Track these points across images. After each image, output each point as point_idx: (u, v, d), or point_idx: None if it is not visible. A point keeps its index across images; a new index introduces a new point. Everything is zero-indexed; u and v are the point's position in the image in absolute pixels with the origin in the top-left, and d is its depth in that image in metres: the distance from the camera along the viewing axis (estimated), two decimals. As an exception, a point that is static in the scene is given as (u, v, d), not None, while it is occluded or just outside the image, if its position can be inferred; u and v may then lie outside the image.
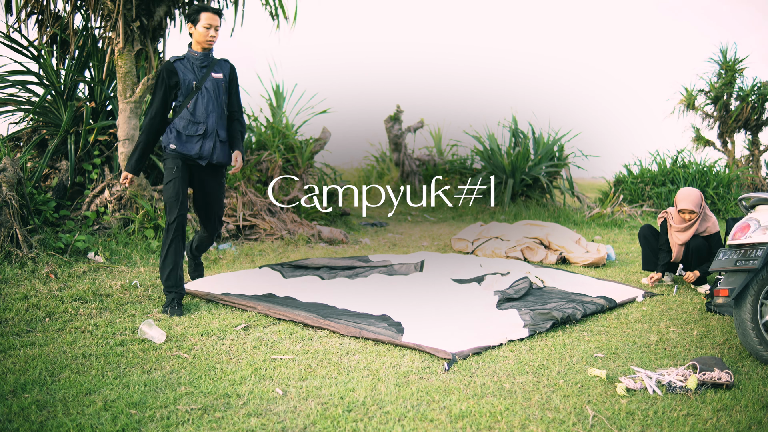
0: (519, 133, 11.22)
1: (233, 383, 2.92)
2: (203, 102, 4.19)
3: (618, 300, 4.57)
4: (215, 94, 4.25)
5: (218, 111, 4.26)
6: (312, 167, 9.10)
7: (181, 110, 4.18)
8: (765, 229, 3.42)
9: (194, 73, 4.20)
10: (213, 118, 4.24)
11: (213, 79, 4.25)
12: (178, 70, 4.18)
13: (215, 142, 4.27)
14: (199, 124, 4.20)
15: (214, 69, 4.27)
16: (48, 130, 6.68)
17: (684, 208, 5.00)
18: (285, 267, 5.48)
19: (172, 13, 7.26)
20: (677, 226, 5.10)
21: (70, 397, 2.73)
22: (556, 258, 6.35)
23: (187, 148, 4.20)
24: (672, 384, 2.92)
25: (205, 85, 4.22)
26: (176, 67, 4.18)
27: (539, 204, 10.50)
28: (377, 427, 2.51)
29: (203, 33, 4.15)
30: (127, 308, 4.21)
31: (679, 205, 5.04)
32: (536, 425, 2.54)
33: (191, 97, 4.18)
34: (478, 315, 4.07)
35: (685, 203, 4.99)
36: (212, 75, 4.25)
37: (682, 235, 5.09)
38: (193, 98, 4.18)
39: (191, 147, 4.21)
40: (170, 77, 4.16)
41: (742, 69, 11.70)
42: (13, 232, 5.04)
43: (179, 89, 4.19)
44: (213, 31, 4.16)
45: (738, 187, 11.16)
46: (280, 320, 4.01)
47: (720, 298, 3.39)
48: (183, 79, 4.18)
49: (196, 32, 4.17)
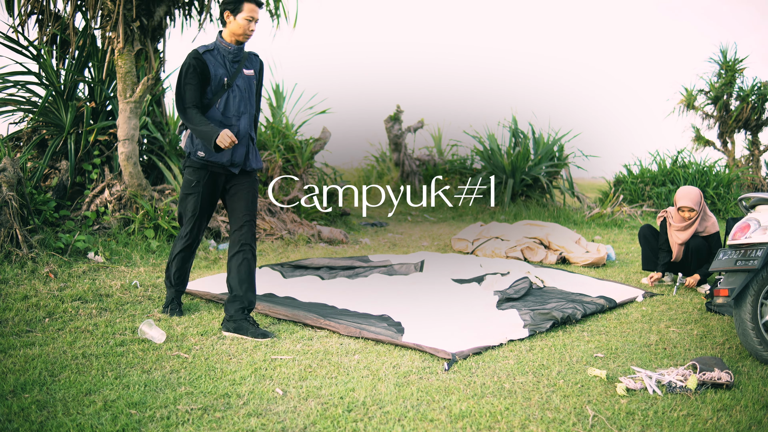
0: (519, 133, 11.22)
1: (233, 383, 2.92)
2: (235, 101, 3.73)
3: (618, 300, 4.57)
4: (247, 93, 3.79)
5: (250, 112, 3.81)
6: (312, 167, 9.11)
7: (208, 109, 3.70)
8: (765, 229, 3.42)
9: (225, 67, 3.71)
10: (245, 120, 3.77)
11: (244, 75, 3.78)
12: (207, 62, 3.66)
13: (248, 146, 3.81)
14: (230, 126, 3.71)
15: (245, 64, 3.81)
16: (48, 130, 6.68)
17: (683, 205, 5.00)
18: (285, 267, 5.48)
19: (172, 13, 7.27)
20: (677, 225, 5.10)
21: (70, 397, 2.73)
22: (556, 258, 6.35)
23: (218, 156, 3.71)
24: (672, 384, 2.92)
25: (236, 82, 3.74)
26: (206, 59, 3.66)
27: (539, 204, 10.50)
28: (377, 427, 2.51)
29: (243, 25, 3.65)
30: (127, 308, 4.21)
31: (678, 203, 5.04)
32: (536, 425, 2.54)
33: (220, 95, 3.70)
34: (478, 315, 4.08)
35: (685, 201, 4.99)
36: (243, 71, 3.78)
37: (681, 234, 5.09)
38: (223, 96, 3.70)
39: (222, 154, 3.70)
40: (200, 71, 3.65)
41: (742, 69, 11.70)
42: (13, 232, 5.04)
43: (209, 85, 3.68)
44: (253, 24, 3.69)
45: (738, 187, 11.15)
46: (280, 320, 4.01)
47: (720, 298, 3.39)
48: (214, 74, 3.67)
49: (234, 23, 3.65)
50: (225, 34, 3.72)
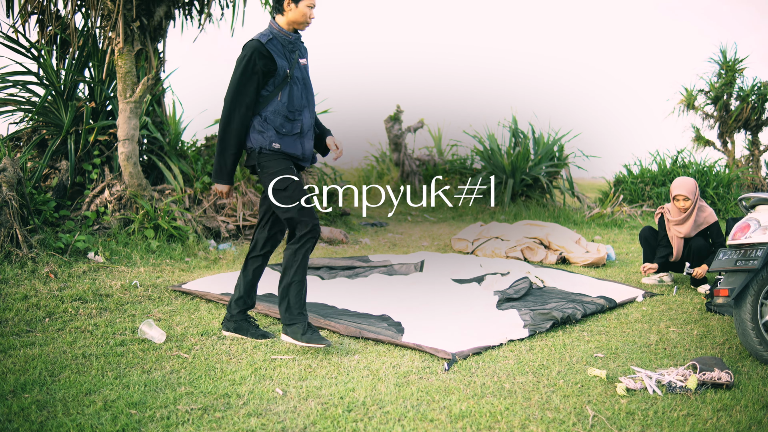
0: (519, 133, 11.22)
1: (233, 383, 2.92)
2: (298, 94, 3.49)
3: (618, 300, 4.57)
4: (306, 84, 3.56)
5: (310, 104, 3.58)
6: (312, 167, 9.10)
7: (269, 103, 3.43)
8: (765, 229, 3.42)
9: (286, 58, 3.46)
10: (307, 114, 3.54)
11: (300, 66, 3.55)
12: (273, 54, 3.38)
13: (313, 140, 3.61)
14: (294, 121, 3.47)
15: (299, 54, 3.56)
16: (48, 130, 6.68)
17: (678, 194, 5.01)
18: (285, 267, 5.48)
19: (172, 13, 7.26)
20: (675, 219, 5.10)
21: (70, 397, 2.73)
22: (556, 258, 6.35)
23: (292, 147, 3.47)
24: (672, 384, 2.92)
25: (295, 73, 3.50)
26: (270, 50, 3.38)
27: (539, 204, 10.50)
28: (377, 427, 2.51)
29: (306, 13, 3.42)
30: (127, 308, 4.21)
31: (673, 192, 5.06)
32: (536, 425, 2.54)
33: (281, 88, 3.43)
34: (478, 315, 4.08)
35: (679, 189, 5.01)
36: (299, 61, 3.55)
37: (681, 228, 5.09)
38: (285, 89, 3.44)
39: (296, 145, 3.48)
40: (264, 63, 3.36)
41: (742, 69, 11.69)
42: (13, 232, 5.04)
43: (273, 77, 3.41)
44: (313, 11, 3.47)
45: (738, 187, 11.15)
46: (279, 320, 4.01)
47: (720, 298, 3.39)
48: (280, 65, 3.40)
49: (296, 11, 3.41)
50: (282, 23, 3.46)
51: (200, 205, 6.88)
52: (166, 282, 4.92)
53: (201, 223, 6.62)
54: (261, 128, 3.41)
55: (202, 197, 6.96)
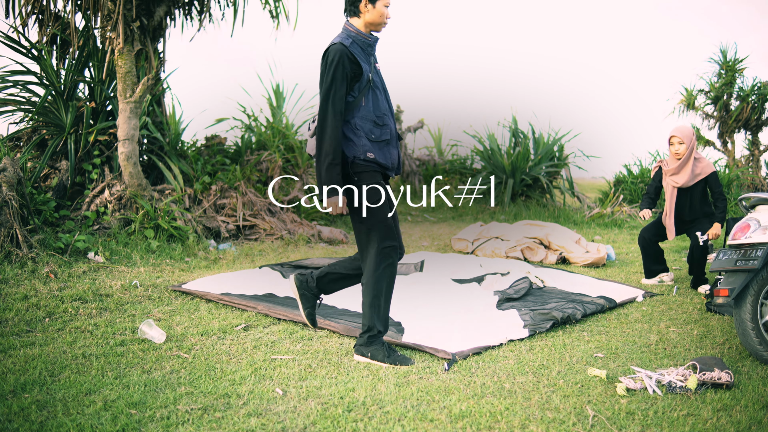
0: (519, 133, 11.22)
1: (233, 383, 2.92)
2: (381, 98, 3.32)
3: (618, 300, 4.57)
4: (385, 89, 3.41)
5: (391, 109, 3.41)
6: (312, 167, 9.10)
7: (355, 109, 3.23)
8: (765, 229, 3.42)
9: (367, 61, 3.28)
10: (391, 120, 3.36)
11: (377, 69, 3.39)
12: (358, 58, 3.21)
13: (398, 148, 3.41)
14: (383, 126, 3.28)
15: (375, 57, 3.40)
16: (48, 130, 6.68)
17: (673, 135, 5.07)
18: (285, 267, 5.48)
19: (172, 13, 7.27)
20: (672, 170, 5.10)
21: (70, 397, 2.73)
22: (556, 258, 6.35)
23: (384, 156, 3.27)
24: (672, 384, 2.92)
25: (374, 77, 3.33)
26: (355, 54, 3.21)
27: (539, 204, 10.50)
28: (377, 427, 2.51)
29: (384, 12, 3.26)
30: (127, 308, 4.21)
31: (670, 134, 5.11)
32: (536, 425, 2.54)
33: (365, 93, 3.25)
34: (478, 315, 4.08)
35: (675, 131, 5.07)
36: (376, 65, 3.39)
37: (677, 177, 5.08)
38: (368, 94, 3.27)
39: (390, 155, 3.30)
40: (352, 67, 3.18)
41: (742, 69, 11.68)
42: (13, 232, 5.04)
43: (358, 82, 3.23)
44: (389, 11, 3.31)
45: (738, 187, 11.15)
46: (280, 320, 4.01)
47: (720, 298, 3.39)
48: (365, 70, 3.23)
49: (373, 12, 3.24)
50: (359, 25, 3.27)
51: (200, 205, 6.88)
52: (166, 282, 4.92)
53: (201, 223, 6.62)
54: (351, 135, 3.21)
55: (202, 197, 6.97)
